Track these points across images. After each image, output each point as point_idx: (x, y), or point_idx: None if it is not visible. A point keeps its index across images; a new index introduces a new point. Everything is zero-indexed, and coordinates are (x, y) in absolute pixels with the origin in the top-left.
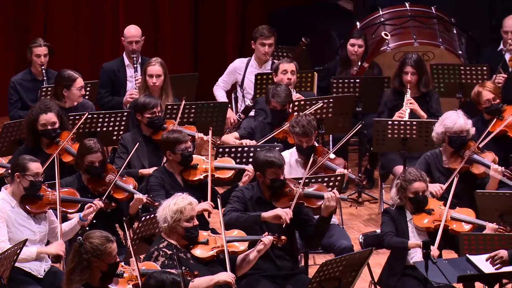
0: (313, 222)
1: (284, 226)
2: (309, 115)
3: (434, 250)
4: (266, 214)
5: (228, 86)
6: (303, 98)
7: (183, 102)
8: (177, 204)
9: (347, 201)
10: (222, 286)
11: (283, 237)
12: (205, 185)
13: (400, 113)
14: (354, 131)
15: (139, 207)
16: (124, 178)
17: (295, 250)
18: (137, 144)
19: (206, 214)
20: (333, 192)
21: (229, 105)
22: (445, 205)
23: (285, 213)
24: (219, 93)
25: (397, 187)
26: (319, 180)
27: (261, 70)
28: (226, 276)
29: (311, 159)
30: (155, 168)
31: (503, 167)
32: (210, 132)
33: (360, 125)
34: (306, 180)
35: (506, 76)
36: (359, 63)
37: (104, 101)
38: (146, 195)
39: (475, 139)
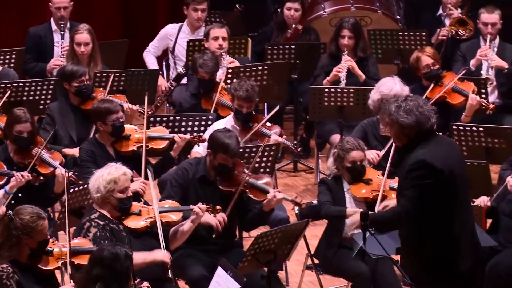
0: (252, 207)
1: (214, 236)
2: (250, 79)
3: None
4: (202, 220)
5: (158, 52)
6: (237, 62)
7: (113, 73)
8: (111, 174)
9: (290, 202)
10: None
11: (218, 207)
12: (138, 156)
13: (337, 68)
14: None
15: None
16: (51, 152)
17: (234, 227)
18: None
19: (140, 191)
20: (277, 194)
21: (160, 73)
22: (383, 174)
23: (218, 222)
24: (150, 59)
25: (334, 156)
26: (254, 149)
27: (193, 37)
28: (162, 255)
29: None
30: (79, 148)
31: (440, 133)
32: (146, 100)
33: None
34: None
35: (447, 30)
36: (293, 26)
37: (28, 66)
38: (71, 172)
39: None
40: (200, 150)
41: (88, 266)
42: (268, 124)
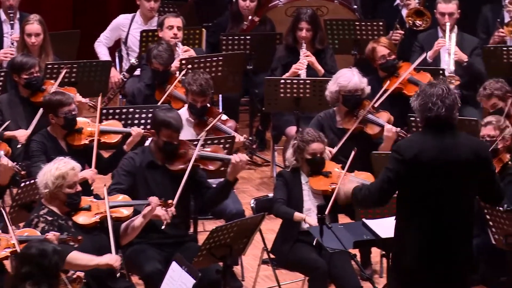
0: (209, 185)
1: (163, 227)
2: (205, 73)
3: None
4: (144, 215)
5: (110, 42)
6: (192, 50)
7: (65, 68)
8: (59, 169)
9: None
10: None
11: (169, 201)
12: (90, 150)
13: (297, 66)
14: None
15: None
16: None
17: (188, 217)
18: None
19: (90, 180)
20: (241, 156)
21: (113, 64)
22: (342, 168)
23: (166, 213)
24: (101, 50)
25: (294, 148)
26: (209, 142)
27: (146, 27)
28: (109, 259)
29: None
30: (21, 130)
31: (398, 128)
32: (99, 101)
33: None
34: (200, 139)
35: (403, 32)
36: (250, 17)
37: None
38: (15, 163)
39: (370, 99)
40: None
41: (16, 264)
42: (224, 117)
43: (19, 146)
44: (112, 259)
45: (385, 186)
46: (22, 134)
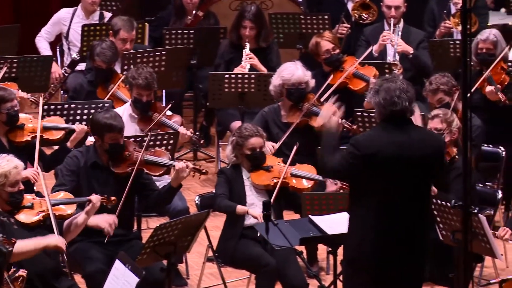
0: (154, 187)
1: (106, 241)
2: (148, 67)
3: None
4: (90, 222)
5: (52, 37)
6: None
7: (5, 68)
8: (1, 168)
9: (192, 171)
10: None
11: (112, 198)
12: (32, 146)
13: (239, 68)
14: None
15: None
16: None
17: (132, 216)
18: None
19: (32, 181)
20: (185, 163)
21: (54, 59)
22: (284, 162)
23: (109, 225)
24: (42, 44)
25: (233, 144)
26: (153, 138)
27: (88, 21)
28: (56, 240)
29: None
30: None
31: (343, 120)
32: (41, 100)
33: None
34: (145, 142)
35: (349, 26)
36: (194, 12)
37: None
38: None
39: (315, 92)
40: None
41: None
42: (169, 113)
43: None
44: (59, 241)
45: (341, 169)
46: None
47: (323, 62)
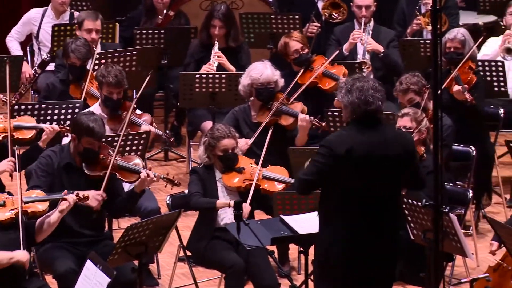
0: (121, 193)
1: (95, 216)
2: (116, 65)
3: (245, 206)
4: (61, 210)
5: (22, 37)
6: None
7: None
8: None
9: (163, 180)
10: None
11: (85, 194)
12: (3, 146)
13: (207, 66)
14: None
15: None
16: None
17: (102, 215)
18: None
19: (9, 170)
20: (149, 173)
21: (25, 59)
22: (256, 163)
23: (97, 201)
24: (13, 44)
25: (205, 145)
26: (124, 138)
27: (58, 21)
28: (22, 255)
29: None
30: None
31: (312, 116)
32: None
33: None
34: (117, 145)
35: (319, 25)
36: (164, 12)
37: None
38: None
39: (285, 92)
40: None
41: None
42: (138, 112)
43: None
44: (23, 255)
45: (311, 178)
46: None
47: (292, 62)
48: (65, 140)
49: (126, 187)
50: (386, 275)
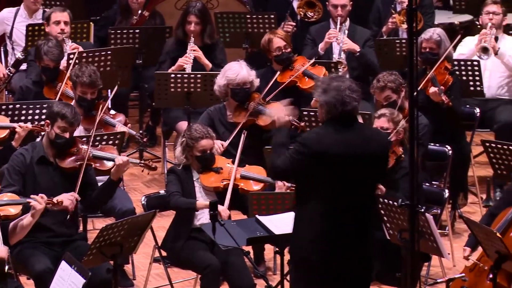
0: (96, 187)
1: (68, 218)
2: (91, 65)
3: (224, 211)
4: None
5: None
6: (81, 47)
7: None
8: None
9: (139, 166)
10: None
11: (59, 200)
12: None
13: (183, 59)
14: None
15: None
16: None
17: (76, 215)
18: None
19: None
20: (124, 158)
21: None
22: (233, 162)
23: (70, 202)
24: None
25: (183, 145)
26: (98, 138)
27: (31, 21)
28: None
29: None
30: None
31: (290, 117)
32: None
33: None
34: (93, 139)
35: (294, 24)
36: (140, 12)
37: None
38: None
39: (262, 91)
40: None
41: None
42: (112, 112)
43: None
44: (1, 250)
45: (285, 169)
46: None
47: (273, 59)
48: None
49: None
50: (363, 275)
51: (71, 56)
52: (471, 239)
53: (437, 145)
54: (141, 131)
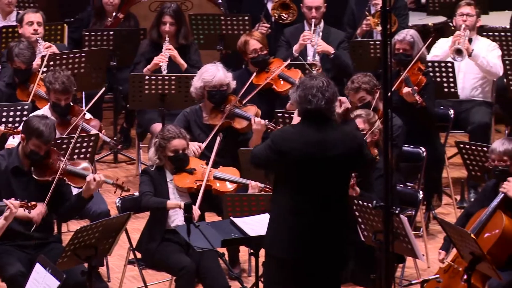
0: (69, 197)
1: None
2: (65, 70)
3: (195, 210)
4: (18, 213)
5: None
6: (54, 46)
7: None
8: None
9: (112, 185)
10: None
11: (33, 203)
12: None
13: (158, 58)
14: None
15: None
16: None
17: (51, 218)
18: None
19: None
20: (96, 176)
21: None
22: (207, 164)
23: (37, 214)
24: None
25: (155, 146)
26: (65, 141)
27: (5, 23)
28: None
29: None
30: None
31: (266, 120)
32: None
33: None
34: (68, 151)
35: (268, 25)
36: (114, 14)
37: None
38: None
39: (238, 93)
40: (15, 142)
41: None
42: (88, 116)
43: None
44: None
45: (261, 157)
46: None
47: (249, 61)
48: (10, 141)
49: (75, 191)
50: (334, 272)
51: (45, 58)
52: (447, 242)
53: (411, 146)
54: (115, 138)
